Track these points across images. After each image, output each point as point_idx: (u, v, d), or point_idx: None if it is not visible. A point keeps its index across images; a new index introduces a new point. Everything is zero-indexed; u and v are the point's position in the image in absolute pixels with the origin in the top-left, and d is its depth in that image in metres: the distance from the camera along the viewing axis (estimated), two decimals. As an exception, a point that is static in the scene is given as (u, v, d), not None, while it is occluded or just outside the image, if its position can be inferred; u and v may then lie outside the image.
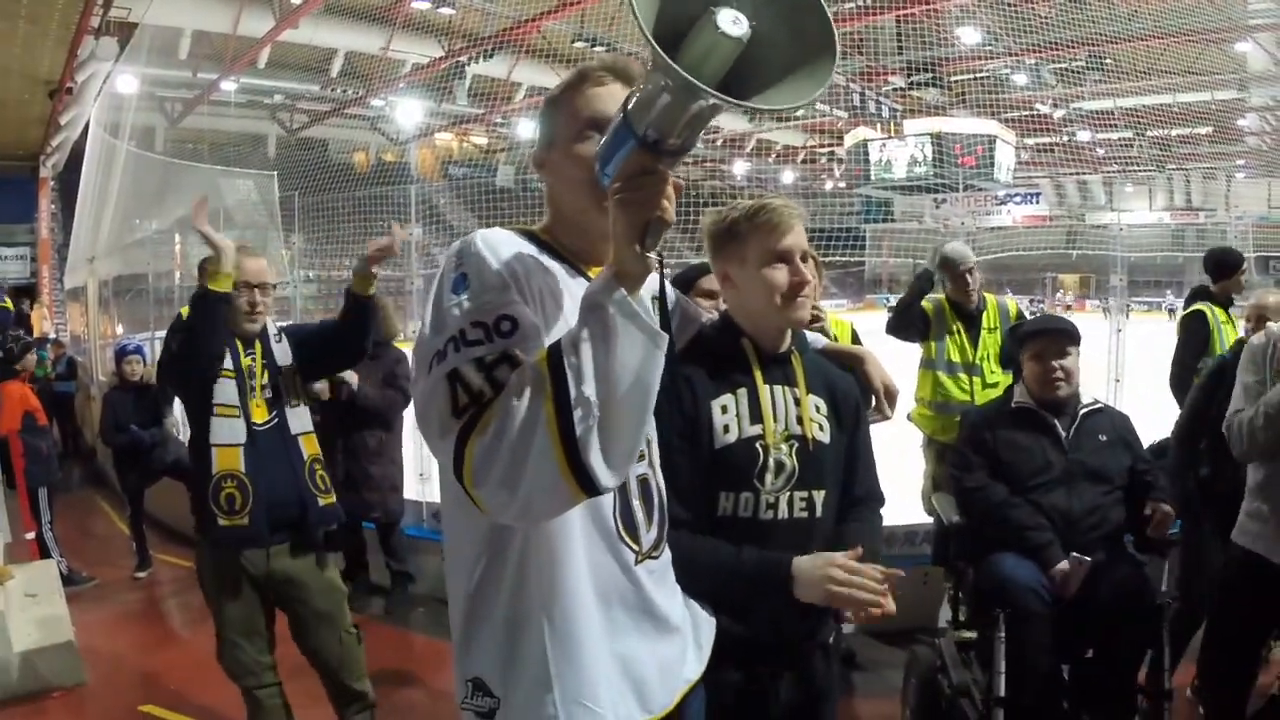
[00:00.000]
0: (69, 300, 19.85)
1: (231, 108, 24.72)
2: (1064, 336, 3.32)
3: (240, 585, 3.20)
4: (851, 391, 2.10)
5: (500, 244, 1.42)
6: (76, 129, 18.34)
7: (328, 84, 23.25)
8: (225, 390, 3.14)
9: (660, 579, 1.58)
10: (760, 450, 1.92)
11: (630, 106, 1.21)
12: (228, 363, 3.15)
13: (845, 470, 2.06)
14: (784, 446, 1.94)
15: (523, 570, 1.42)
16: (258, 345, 3.25)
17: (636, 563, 1.52)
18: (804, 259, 1.95)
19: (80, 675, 4.62)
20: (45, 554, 6.16)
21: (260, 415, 3.18)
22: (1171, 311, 32.87)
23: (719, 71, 1.15)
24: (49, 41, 14.78)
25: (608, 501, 1.47)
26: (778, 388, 1.98)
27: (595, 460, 1.19)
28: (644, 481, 1.57)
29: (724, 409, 1.93)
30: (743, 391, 1.95)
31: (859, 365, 2.14)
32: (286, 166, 20.28)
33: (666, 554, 1.62)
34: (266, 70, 21.48)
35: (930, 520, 4.88)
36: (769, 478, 1.92)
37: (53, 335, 16.65)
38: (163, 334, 3.86)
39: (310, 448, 3.31)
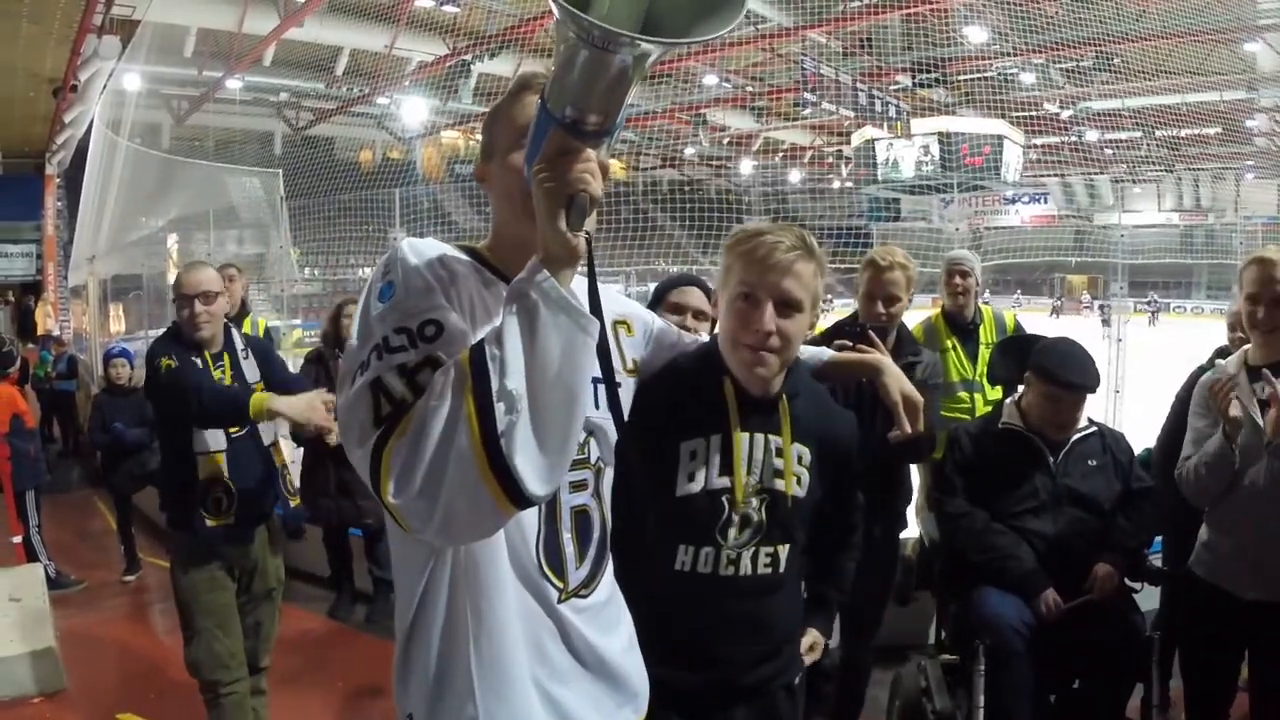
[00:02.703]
0: (72, 298, 19.94)
1: (237, 105, 24.76)
2: (1084, 391, 3.18)
3: (218, 573, 3.35)
4: (843, 438, 1.93)
5: (427, 250, 1.37)
6: (81, 127, 18.47)
7: (333, 82, 23.23)
8: None
9: (593, 618, 1.48)
10: (725, 504, 1.76)
11: (546, 90, 1.15)
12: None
13: (817, 513, 1.90)
14: (754, 500, 1.77)
15: (453, 607, 1.35)
16: (226, 359, 3.36)
17: (560, 600, 1.43)
18: (790, 310, 1.70)
19: (60, 681, 4.59)
20: (32, 557, 6.12)
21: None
22: (1155, 313, 32.53)
23: (630, 25, 1.09)
24: (51, 40, 14.83)
25: (532, 533, 1.39)
26: (758, 436, 1.78)
27: (521, 461, 1.11)
28: (582, 513, 1.48)
29: (693, 454, 1.75)
30: (716, 438, 1.76)
31: (876, 376, 1.89)
32: (292, 164, 20.29)
33: (603, 591, 1.52)
34: (272, 68, 21.48)
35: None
36: (732, 533, 1.77)
37: (56, 333, 16.70)
38: (155, 333, 3.91)
39: (279, 457, 3.55)
